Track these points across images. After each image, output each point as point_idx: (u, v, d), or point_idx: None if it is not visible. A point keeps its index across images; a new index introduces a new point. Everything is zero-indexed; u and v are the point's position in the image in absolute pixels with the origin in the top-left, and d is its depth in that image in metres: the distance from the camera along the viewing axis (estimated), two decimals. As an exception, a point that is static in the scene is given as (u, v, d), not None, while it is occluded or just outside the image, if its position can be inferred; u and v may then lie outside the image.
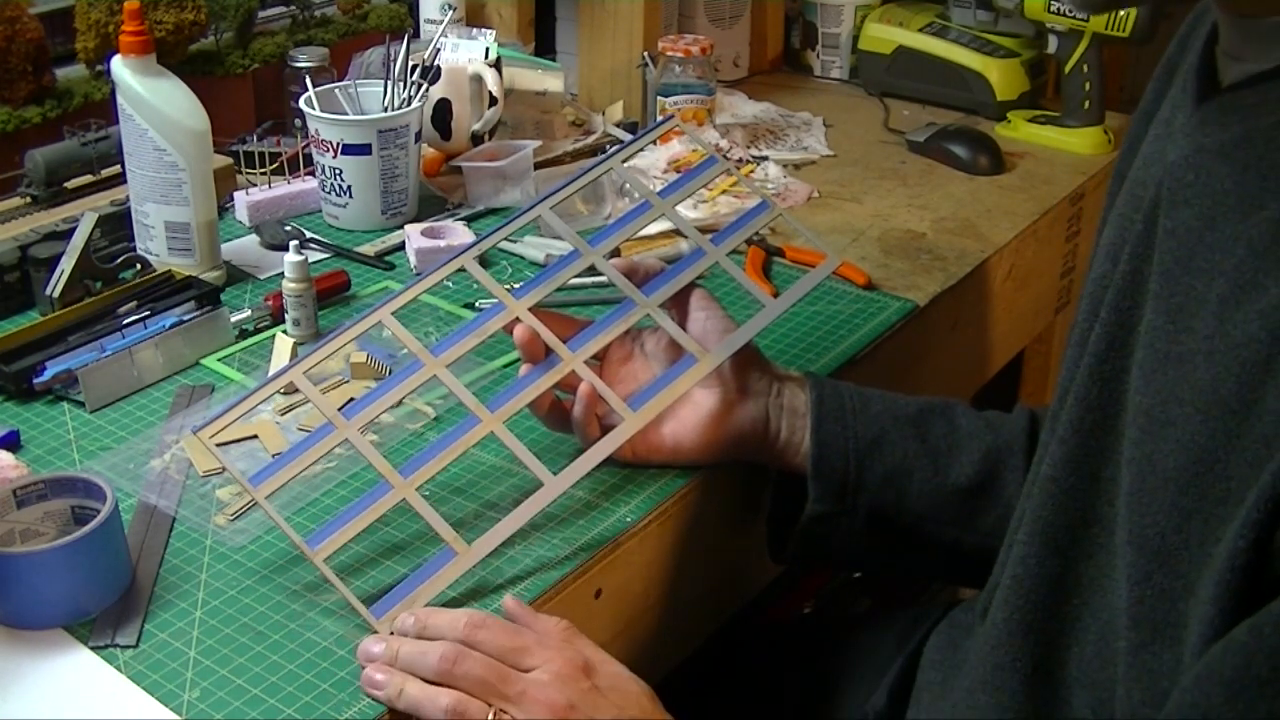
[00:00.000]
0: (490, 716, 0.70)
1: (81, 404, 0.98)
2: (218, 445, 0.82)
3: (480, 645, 0.72)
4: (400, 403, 0.87)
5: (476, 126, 1.41)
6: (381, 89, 1.31)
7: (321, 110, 1.27)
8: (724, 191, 1.36)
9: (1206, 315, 0.58)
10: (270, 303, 1.10)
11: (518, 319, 0.88)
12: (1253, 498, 0.52)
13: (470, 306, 1.14)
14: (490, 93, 1.40)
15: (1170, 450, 0.57)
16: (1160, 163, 0.66)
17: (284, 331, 1.07)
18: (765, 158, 1.50)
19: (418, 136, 1.30)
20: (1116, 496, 0.63)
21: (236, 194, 1.31)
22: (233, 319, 1.08)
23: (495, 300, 0.90)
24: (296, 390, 0.88)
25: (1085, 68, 1.56)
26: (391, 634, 0.75)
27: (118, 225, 1.17)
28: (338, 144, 1.25)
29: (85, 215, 1.10)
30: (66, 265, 1.08)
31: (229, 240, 1.25)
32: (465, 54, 1.40)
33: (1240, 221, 0.57)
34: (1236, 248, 0.57)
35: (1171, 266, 0.61)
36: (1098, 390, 0.66)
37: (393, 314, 0.88)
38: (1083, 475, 0.66)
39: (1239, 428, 0.54)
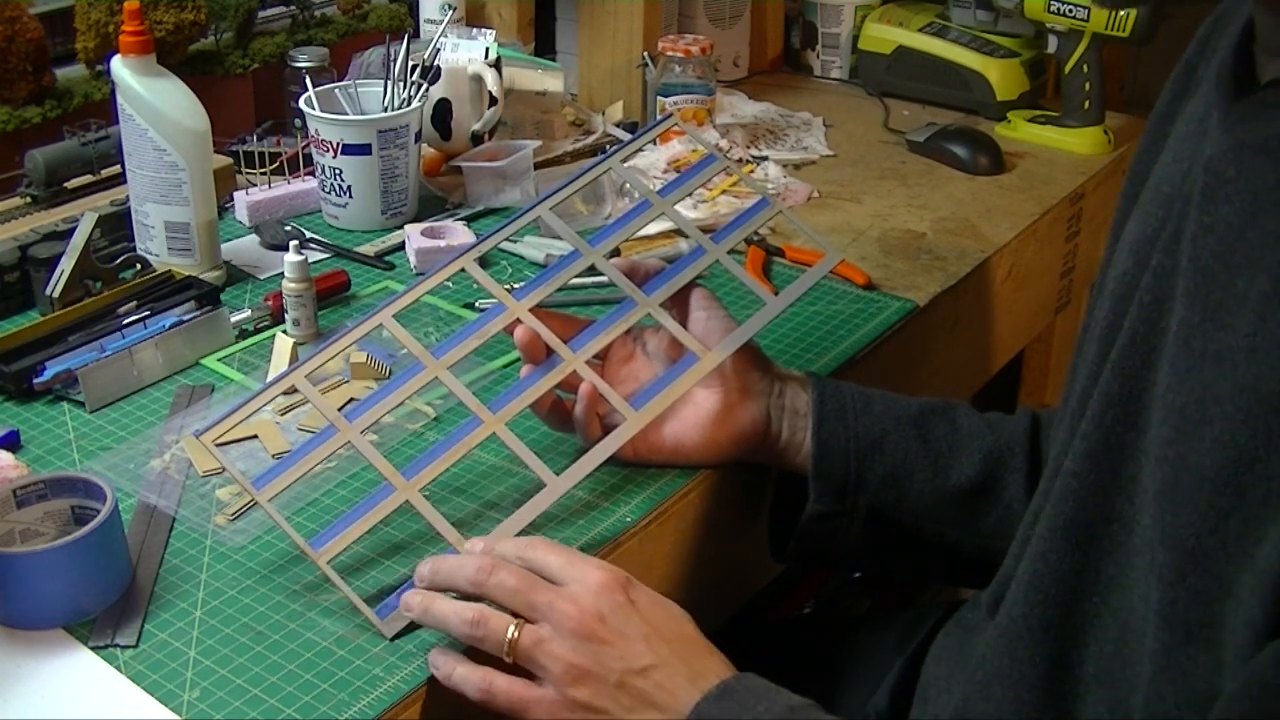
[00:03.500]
0: (512, 630, 0.70)
1: (81, 404, 0.98)
2: (218, 445, 0.82)
3: (530, 562, 0.73)
4: (401, 403, 0.87)
5: (476, 126, 1.41)
6: (381, 89, 1.31)
7: (321, 110, 1.27)
8: (724, 191, 1.36)
9: (1247, 312, 0.57)
10: (270, 303, 1.10)
11: (518, 320, 0.88)
12: None
13: (470, 307, 1.14)
14: (490, 93, 1.40)
15: (1207, 449, 0.56)
16: (1192, 159, 0.65)
17: (284, 331, 1.07)
18: (765, 158, 1.50)
19: (418, 136, 1.30)
20: (1137, 494, 0.63)
21: (236, 194, 1.31)
22: (233, 319, 1.08)
23: (496, 300, 0.90)
24: (297, 390, 0.88)
25: (1085, 68, 1.56)
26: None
27: (118, 225, 1.17)
28: (338, 144, 1.25)
29: (85, 215, 1.10)
30: (66, 265, 1.08)
31: (229, 240, 1.25)
32: (465, 54, 1.40)
33: None
34: None
35: (1209, 262, 0.60)
36: (1121, 386, 0.65)
37: (393, 316, 0.88)
38: (1104, 472, 0.66)
39: None
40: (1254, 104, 0.63)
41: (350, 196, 1.28)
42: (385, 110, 1.30)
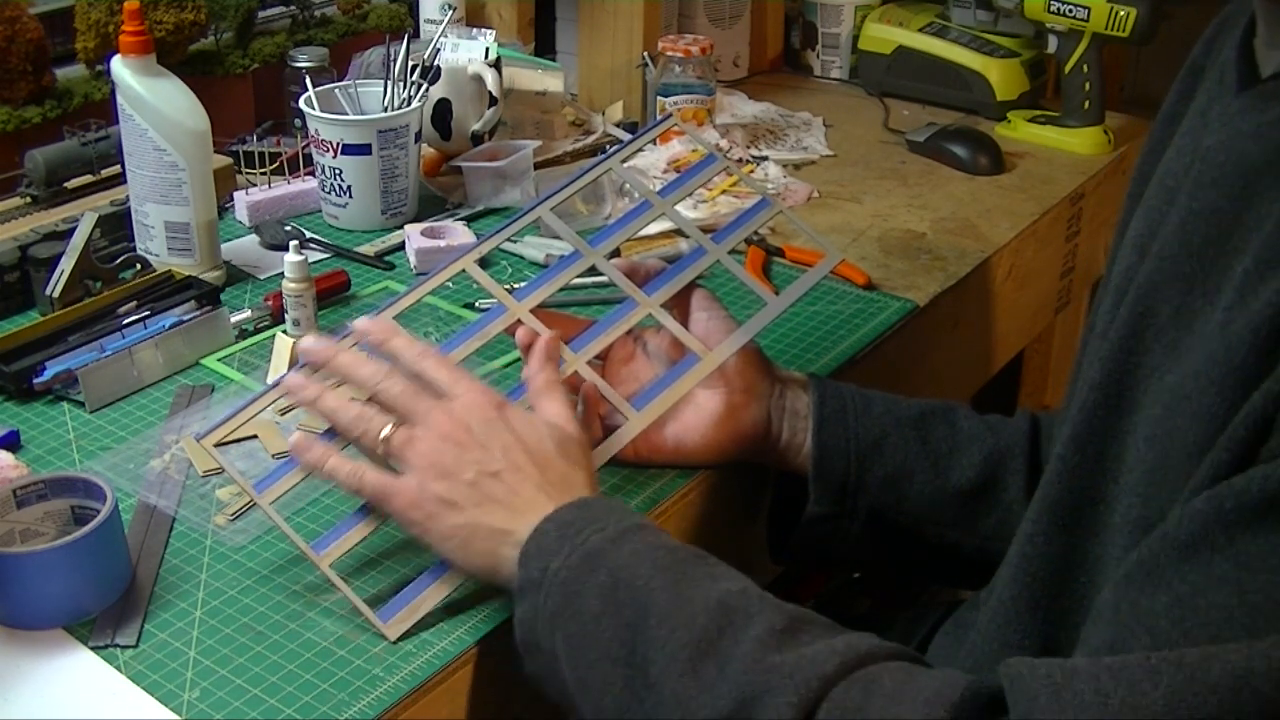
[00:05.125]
0: (388, 429, 0.77)
1: (81, 404, 0.98)
2: (217, 445, 0.82)
3: (423, 371, 0.79)
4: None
5: (476, 126, 1.41)
6: (381, 89, 1.31)
7: (321, 110, 1.27)
8: (724, 191, 1.36)
9: (1229, 289, 0.58)
10: (270, 303, 1.10)
11: (519, 321, 0.88)
12: (1240, 416, 0.52)
13: (470, 307, 1.14)
14: (490, 93, 1.40)
15: (1188, 424, 0.57)
16: (1193, 153, 0.66)
17: (284, 331, 1.07)
18: (765, 158, 1.50)
19: (418, 136, 1.30)
20: (1121, 475, 0.64)
21: (236, 194, 1.31)
22: (233, 319, 1.08)
23: (496, 301, 0.90)
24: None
25: (1085, 68, 1.56)
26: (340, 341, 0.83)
27: (118, 225, 1.17)
28: (338, 144, 1.25)
29: (85, 215, 1.10)
30: (66, 265, 1.08)
31: (229, 240, 1.25)
32: (465, 54, 1.40)
33: (1274, 200, 0.58)
34: (1265, 224, 0.57)
35: (1203, 247, 0.61)
36: (1104, 371, 0.66)
37: (393, 318, 0.88)
38: (1088, 455, 0.66)
39: (1255, 390, 0.54)
40: (1254, 96, 0.63)
41: (350, 196, 1.28)
42: (385, 110, 1.30)
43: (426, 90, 1.33)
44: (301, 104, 1.28)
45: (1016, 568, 0.69)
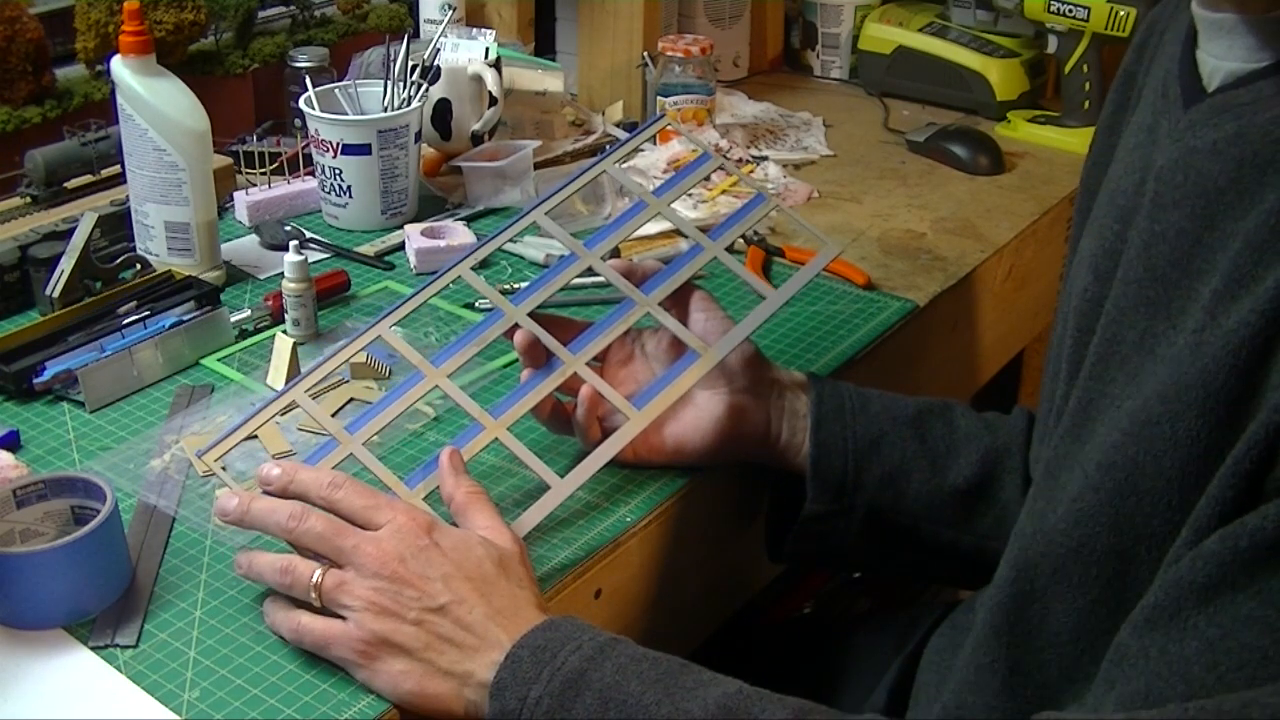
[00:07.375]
0: (317, 574, 0.73)
1: (81, 404, 0.98)
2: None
3: (337, 505, 0.75)
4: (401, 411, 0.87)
5: (476, 126, 1.41)
6: (381, 89, 1.32)
7: (321, 110, 1.27)
8: (724, 191, 1.36)
9: (1197, 311, 0.58)
10: (270, 303, 1.10)
11: (517, 325, 0.88)
12: (1242, 446, 0.52)
13: (470, 306, 1.14)
14: (490, 93, 1.40)
15: (1165, 450, 0.57)
16: (1144, 170, 0.66)
17: (284, 331, 1.07)
18: (765, 158, 1.50)
19: (418, 136, 1.30)
20: (1061, 503, 0.64)
21: (236, 194, 1.32)
22: (232, 319, 1.08)
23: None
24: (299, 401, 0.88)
25: (1085, 68, 1.56)
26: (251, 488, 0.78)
27: (118, 225, 1.17)
28: (338, 144, 1.25)
29: (85, 215, 1.10)
30: (66, 265, 1.08)
31: (229, 240, 1.25)
32: (465, 54, 1.40)
33: (1239, 219, 0.57)
34: (1232, 243, 0.57)
35: (1167, 270, 0.61)
36: (1080, 405, 0.66)
37: (395, 324, 0.88)
38: (1050, 481, 0.67)
39: (1244, 413, 0.54)
40: (1204, 110, 0.63)
41: (350, 196, 1.28)
42: (385, 110, 1.30)
43: (426, 90, 1.33)
44: (301, 104, 1.28)
45: (990, 594, 0.71)
